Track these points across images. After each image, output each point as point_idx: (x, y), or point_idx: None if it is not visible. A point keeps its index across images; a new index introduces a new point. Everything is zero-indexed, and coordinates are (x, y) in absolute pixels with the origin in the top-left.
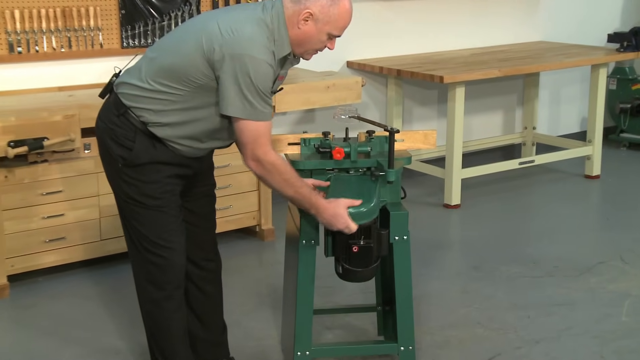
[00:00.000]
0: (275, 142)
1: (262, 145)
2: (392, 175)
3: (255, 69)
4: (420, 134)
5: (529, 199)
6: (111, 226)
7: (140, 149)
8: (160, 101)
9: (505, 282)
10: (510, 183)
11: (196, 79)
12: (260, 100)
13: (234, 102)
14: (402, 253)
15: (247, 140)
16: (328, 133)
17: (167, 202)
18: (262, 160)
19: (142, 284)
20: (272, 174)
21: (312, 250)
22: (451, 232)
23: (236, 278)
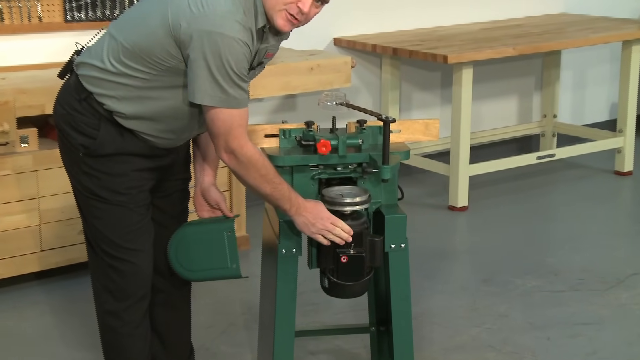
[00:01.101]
0: (250, 133)
1: (237, 136)
2: (388, 173)
3: (228, 49)
4: (420, 123)
5: (548, 200)
6: (54, 235)
7: (105, 138)
8: (125, 87)
9: (520, 297)
10: (527, 181)
11: (163, 60)
12: (233, 85)
13: (203, 88)
14: (400, 264)
15: (220, 131)
16: (312, 123)
17: (134, 199)
18: (237, 153)
19: (100, 294)
20: (248, 169)
21: (293, 261)
22: (457, 239)
23: (204, 294)
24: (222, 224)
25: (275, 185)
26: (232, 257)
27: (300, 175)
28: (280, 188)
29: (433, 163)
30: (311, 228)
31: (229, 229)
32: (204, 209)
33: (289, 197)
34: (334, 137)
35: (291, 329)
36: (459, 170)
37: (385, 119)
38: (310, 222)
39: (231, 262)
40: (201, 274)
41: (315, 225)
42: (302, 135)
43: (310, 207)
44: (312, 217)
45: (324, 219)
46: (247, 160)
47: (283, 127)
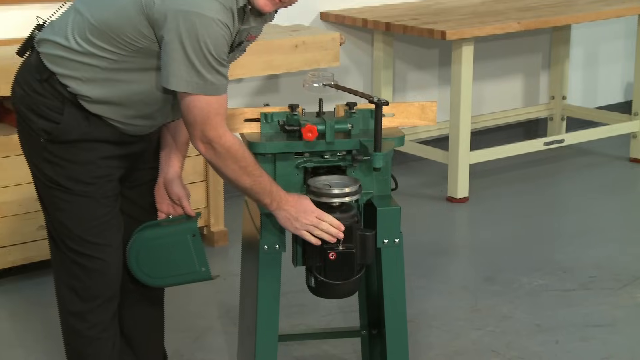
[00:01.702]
0: (228, 118)
1: (215, 125)
2: (380, 161)
3: (206, 31)
4: (416, 106)
5: (557, 190)
6: (10, 230)
7: (70, 123)
8: (91, 68)
9: (526, 297)
10: (533, 169)
11: (134, 40)
12: (211, 69)
13: (178, 72)
14: (393, 261)
15: (196, 120)
16: (296, 106)
17: (101, 189)
18: (214, 143)
19: (64, 294)
20: (226, 161)
21: (276, 258)
22: (457, 234)
23: (178, 295)
24: (185, 225)
25: (255, 178)
26: (199, 259)
27: (284, 164)
28: (261, 181)
29: (430, 150)
30: (295, 224)
31: (192, 231)
32: (164, 202)
33: (270, 191)
34: (321, 121)
35: (274, 333)
36: (459, 158)
37: (377, 101)
38: (294, 217)
39: (199, 266)
40: (168, 280)
41: (299, 220)
42: (286, 119)
43: (293, 201)
44: (296, 211)
45: (309, 213)
46: (226, 151)
47: (264, 111)
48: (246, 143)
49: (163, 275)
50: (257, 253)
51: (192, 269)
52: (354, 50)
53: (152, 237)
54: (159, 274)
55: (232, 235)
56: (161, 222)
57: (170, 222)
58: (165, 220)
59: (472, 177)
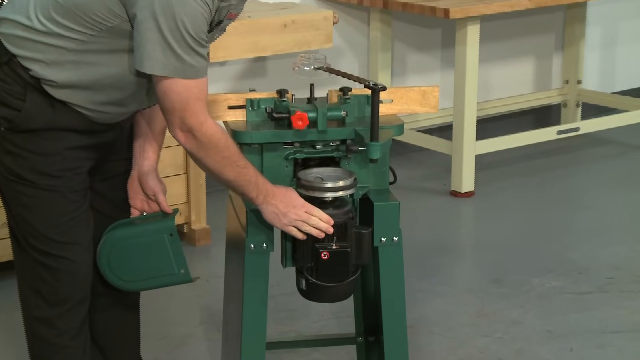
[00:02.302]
0: (210, 105)
1: (195, 112)
2: (377, 151)
3: (183, 8)
4: (416, 92)
5: (571, 184)
6: None
7: (33, 110)
8: (56, 49)
9: (538, 300)
10: (545, 161)
11: (103, 19)
12: (190, 51)
13: (153, 54)
14: (392, 261)
15: (174, 106)
16: (285, 92)
17: (68, 183)
18: (195, 132)
19: (29, 298)
20: (208, 151)
21: (263, 258)
22: (461, 231)
23: (155, 298)
24: (161, 223)
25: (240, 170)
26: (177, 261)
27: (272, 155)
28: (246, 172)
29: (432, 139)
30: (282, 219)
31: (169, 229)
32: (137, 198)
33: (256, 183)
34: (312, 108)
35: (261, 340)
36: (464, 148)
37: (374, 86)
38: (282, 211)
39: (178, 267)
40: (143, 284)
41: (287, 215)
42: (274, 106)
43: (280, 194)
44: (284, 205)
45: (298, 207)
46: (207, 141)
47: (250, 97)
48: (230, 132)
49: (137, 278)
50: (243, 252)
51: (169, 271)
52: (349, 30)
53: (125, 236)
54: (133, 277)
55: (215, 233)
56: (135, 220)
57: (144, 220)
58: (139, 218)
59: (478, 169)
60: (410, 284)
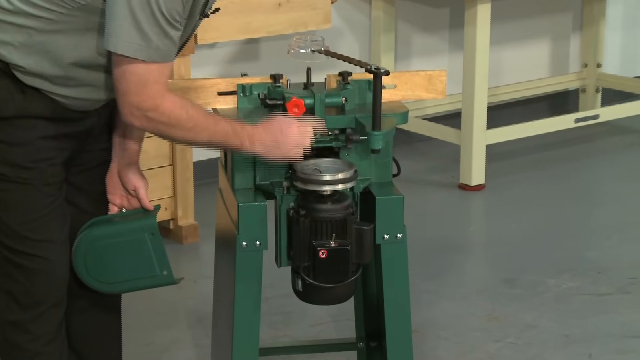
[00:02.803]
0: (199, 90)
1: (153, 95)
2: (379, 141)
3: None
4: (422, 76)
5: (590, 176)
6: None
7: (2, 96)
8: (24, 30)
9: (553, 302)
10: (562, 151)
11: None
12: (159, 31)
13: (119, 31)
14: (396, 259)
15: (129, 89)
16: (280, 76)
17: (42, 175)
18: (151, 115)
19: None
20: (171, 129)
21: (256, 256)
22: (471, 227)
23: (140, 301)
24: (141, 221)
25: (211, 129)
26: (160, 262)
27: None
28: (219, 129)
29: (439, 128)
30: (280, 152)
31: (151, 228)
32: (116, 193)
33: (234, 132)
34: (309, 94)
35: (254, 346)
36: (473, 138)
37: (376, 70)
38: (275, 145)
39: (160, 269)
40: (122, 286)
41: (282, 145)
42: (268, 92)
43: (264, 129)
44: (271, 137)
45: (288, 131)
46: (167, 120)
47: (242, 82)
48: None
49: (116, 280)
50: (234, 251)
51: (151, 272)
52: (349, 9)
53: (103, 235)
54: (112, 279)
55: (203, 230)
56: (113, 217)
57: (124, 217)
58: (118, 215)
59: (489, 160)
60: (415, 285)
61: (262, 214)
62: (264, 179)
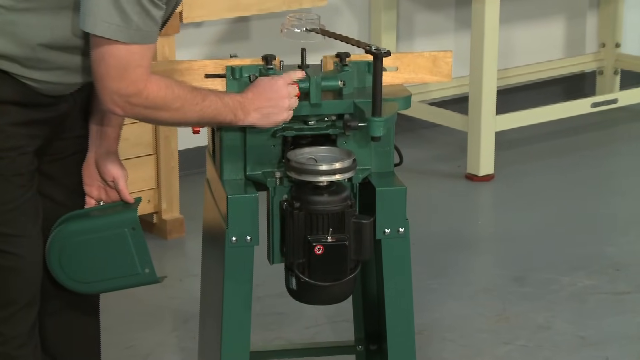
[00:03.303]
0: (185, 73)
1: (135, 79)
2: (380, 128)
3: None
4: (426, 57)
5: (607, 165)
6: None
7: None
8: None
9: (568, 302)
10: (577, 138)
11: None
12: (141, 11)
13: (96, 10)
14: (397, 256)
15: (109, 74)
16: (272, 58)
17: (12, 165)
18: (134, 101)
19: None
20: (157, 113)
21: (247, 253)
22: (479, 221)
23: (120, 301)
24: (121, 215)
25: (201, 107)
26: (141, 259)
27: (257, 133)
28: (208, 104)
29: (444, 114)
30: (277, 116)
31: (131, 222)
32: (93, 184)
33: (225, 105)
34: (304, 77)
35: (245, 350)
36: (482, 124)
37: (377, 51)
38: (270, 110)
39: (142, 267)
40: (100, 286)
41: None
42: (259, 75)
43: (252, 94)
44: (265, 102)
45: (277, 92)
46: (153, 104)
47: (231, 64)
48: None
49: (94, 279)
50: (223, 246)
51: (132, 270)
52: None
53: (79, 230)
54: (89, 278)
55: (190, 224)
56: (90, 211)
57: (102, 211)
58: (96, 209)
59: (499, 148)
60: (419, 283)
61: (253, 206)
62: (255, 168)
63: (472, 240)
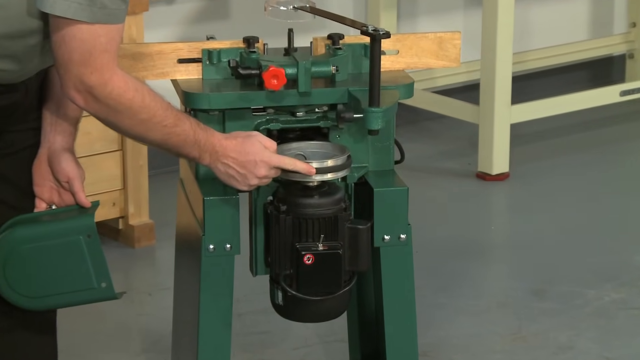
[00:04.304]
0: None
1: (100, 67)
2: (378, 120)
3: None
4: (430, 39)
5: (638, 162)
6: None
7: None
8: None
9: (593, 318)
10: (604, 131)
11: None
12: None
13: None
14: (398, 266)
15: (71, 58)
16: (255, 40)
17: None
18: (97, 92)
19: None
20: (119, 115)
21: (226, 263)
22: (492, 226)
23: (82, 319)
24: (76, 221)
25: (169, 130)
26: (98, 271)
27: (237, 125)
28: (179, 131)
29: (452, 104)
30: (242, 184)
31: (87, 229)
32: (45, 185)
33: (195, 141)
34: (291, 62)
35: None
36: (495, 116)
37: (374, 32)
38: (239, 173)
39: (98, 280)
40: (51, 301)
41: (247, 178)
42: (240, 59)
43: (233, 148)
44: (240, 164)
45: (259, 164)
46: (115, 103)
47: (208, 47)
48: (180, 94)
49: (44, 293)
50: (199, 256)
51: (87, 284)
52: None
53: (27, 237)
54: (39, 292)
55: (161, 230)
56: (41, 215)
57: (54, 215)
58: (47, 213)
59: (515, 143)
60: (423, 298)
61: (233, 210)
62: None
63: (484, 248)
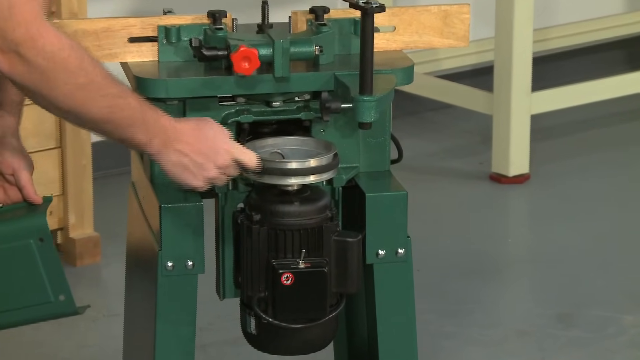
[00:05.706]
0: (101, 35)
1: (24, 20)
2: (370, 110)
3: None
4: (434, 14)
5: None
6: None
7: None
8: None
9: (630, 348)
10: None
11: None
12: None
13: None
14: (396, 287)
15: None
16: (222, 14)
17: None
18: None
19: None
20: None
21: (187, 283)
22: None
23: (13, 350)
24: (24, 222)
25: (112, 101)
26: (54, 282)
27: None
28: (122, 104)
29: (461, 91)
30: (195, 177)
31: (38, 231)
32: None
33: (143, 119)
34: (266, 41)
35: None
36: (512, 105)
37: (366, 4)
38: (194, 162)
39: (55, 293)
40: (1, 319)
41: (203, 168)
42: (204, 38)
43: (189, 131)
44: (197, 151)
45: (220, 152)
46: (48, 62)
47: (165, 23)
48: (132, 80)
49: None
50: (155, 275)
51: (41, 298)
52: None
53: None
54: None
55: (108, 243)
56: None
57: None
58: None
59: (535, 139)
60: (426, 325)
61: (196, 219)
62: None
63: (499, 264)
